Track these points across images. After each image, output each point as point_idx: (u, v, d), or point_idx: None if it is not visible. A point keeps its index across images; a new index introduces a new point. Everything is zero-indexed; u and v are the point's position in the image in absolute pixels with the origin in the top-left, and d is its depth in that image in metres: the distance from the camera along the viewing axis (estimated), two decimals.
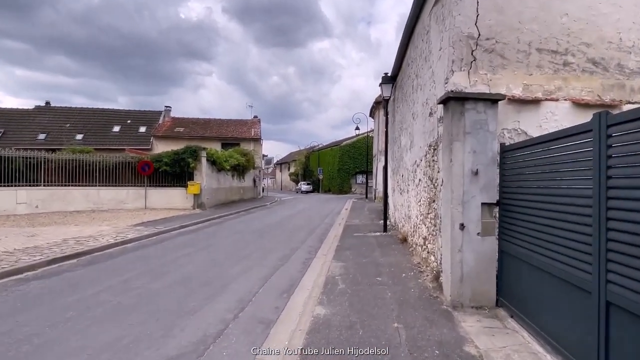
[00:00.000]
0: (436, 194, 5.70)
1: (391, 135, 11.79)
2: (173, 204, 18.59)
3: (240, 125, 34.14)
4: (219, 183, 21.32)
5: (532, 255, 3.95)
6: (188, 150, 18.68)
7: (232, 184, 23.86)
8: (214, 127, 33.25)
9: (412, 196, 7.98)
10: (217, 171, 20.97)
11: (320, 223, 14.31)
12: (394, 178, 11.39)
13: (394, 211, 11.84)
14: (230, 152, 23.53)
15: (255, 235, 11.22)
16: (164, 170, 18.56)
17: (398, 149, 10.36)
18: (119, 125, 32.35)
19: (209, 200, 19.70)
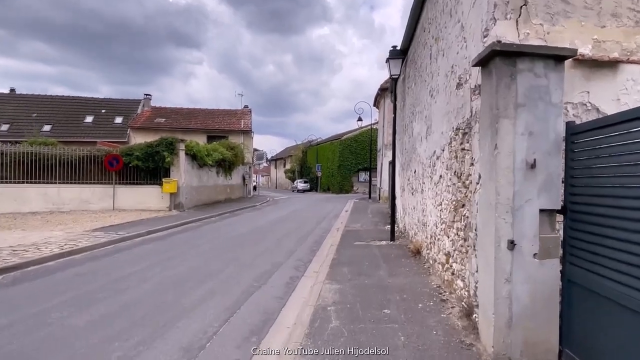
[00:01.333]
0: (467, 195, 4.39)
1: (400, 123, 10.48)
2: (146, 205, 17.33)
3: (229, 115, 32.94)
4: (200, 180, 20.07)
5: (621, 290, 2.67)
6: (163, 143, 17.39)
7: (216, 182, 22.65)
8: (199, 118, 32.05)
9: (428, 197, 6.68)
10: (199, 167, 19.71)
11: (315, 228, 13.03)
12: (404, 175, 10.09)
13: (403, 215, 10.55)
14: (214, 145, 22.30)
15: (235, 243, 9.93)
16: (136, 165, 17.31)
17: (409, 139, 9.06)
18: (92, 115, 31.10)
19: (188, 200, 18.44)
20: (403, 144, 10.25)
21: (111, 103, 32.77)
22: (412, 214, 8.61)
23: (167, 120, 31.07)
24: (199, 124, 31.00)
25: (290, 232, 12.01)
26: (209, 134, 30.25)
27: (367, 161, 35.90)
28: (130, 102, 33.30)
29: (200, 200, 20.09)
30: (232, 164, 24.17)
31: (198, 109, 33.93)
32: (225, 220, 15.21)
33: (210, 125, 31.03)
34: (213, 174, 21.94)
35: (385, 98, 24.31)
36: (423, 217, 7.29)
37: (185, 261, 7.85)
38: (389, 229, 11.77)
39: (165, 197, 17.44)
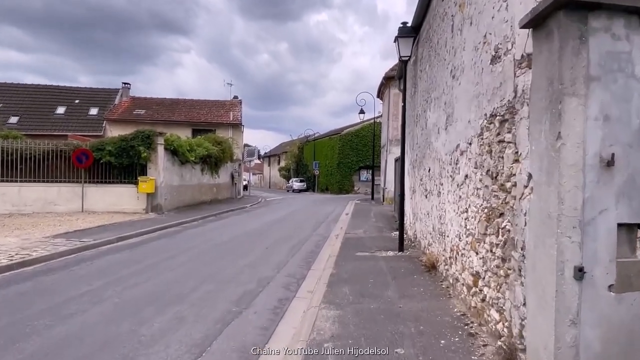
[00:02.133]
0: (508, 202, 3.61)
1: (410, 113, 9.71)
2: (120, 206, 16.53)
3: (217, 107, 32.23)
4: (182, 179, 19.29)
5: None
6: (139, 136, 16.58)
7: (201, 181, 21.91)
8: (184, 110, 31.33)
9: (448, 202, 5.91)
10: (180, 164, 18.93)
11: (311, 234, 12.26)
12: (415, 174, 9.32)
13: (413, 221, 9.78)
14: (198, 140, 21.56)
15: (217, 253, 9.14)
16: (108, 161, 16.51)
17: (422, 132, 8.28)
18: (64, 105, 30.21)
19: (167, 201, 17.65)
20: (414, 137, 9.47)
21: (86, 93, 31.89)
22: (426, 220, 7.83)
23: (147, 112, 30.29)
24: (182, 116, 30.28)
25: (282, 239, 11.23)
26: (194, 127, 29.68)
27: (370, 158, 35.53)
28: (107, 91, 32.42)
29: (182, 201, 19.32)
30: (219, 160, 23.41)
31: (182, 99, 33.20)
32: (209, 225, 14.42)
33: (195, 117, 30.34)
34: (197, 172, 21.18)
35: (390, 88, 23.62)
36: (440, 226, 6.51)
37: (155, 276, 7.05)
38: (395, 236, 11.00)
39: (142, 198, 16.65)
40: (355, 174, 39.55)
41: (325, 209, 21.57)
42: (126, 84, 32.79)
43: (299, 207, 22.71)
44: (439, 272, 6.65)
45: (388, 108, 24.16)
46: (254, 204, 24.87)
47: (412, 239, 9.91)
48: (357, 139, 39.01)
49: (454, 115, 5.55)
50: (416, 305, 5.31)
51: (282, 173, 55.23)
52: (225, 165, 25.67)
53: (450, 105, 5.72)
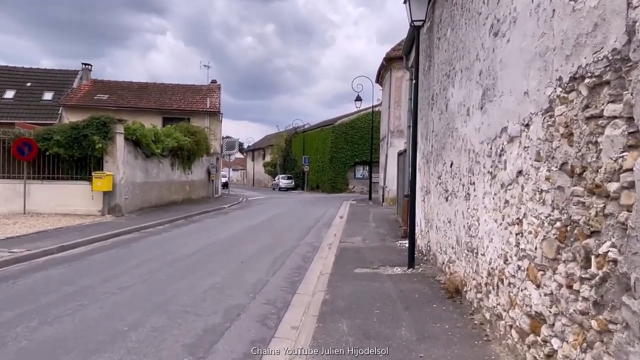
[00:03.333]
0: (612, 213, 2.45)
1: (423, 94, 8.57)
2: (70, 207, 15.25)
3: (192, 92, 31.06)
4: (147, 175, 18.08)
5: None
6: (94, 123, 15.28)
7: (170, 177, 20.80)
8: (153, 95, 30.13)
9: (484, 208, 4.77)
10: (145, 157, 17.70)
11: (298, 244, 11.10)
12: (429, 170, 8.19)
13: (426, 228, 8.65)
14: (167, 129, 20.47)
15: (176, 270, 7.93)
16: (56, 153, 15.21)
17: (440, 116, 7.14)
18: (13, 89, 28.71)
19: (129, 201, 16.41)
20: (427, 124, 8.33)
21: (39, 75, 30.38)
22: (446, 229, 6.69)
23: (111, 97, 28.97)
24: (152, 103, 29.06)
25: (263, 250, 10.06)
26: (165, 115, 28.48)
27: (367, 152, 34.90)
28: (64, 73, 30.94)
29: (147, 201, 18.12)
30: (192, 153, 22.32)
31: (152, 83, 31.88)
32: (176, 231, 13.21)
33: (167, 104, 29.15)
34: (166, 167, 20.01)
35: (392, 71, 22.64)
36: (470, 239, 5.36)
37: (88, 304, 5.82)
38: (402, 246, 9.94)
39: (98, 198, 15.38)
40: (350, 170, 39.13)
41: (316, 210, 20.60)
42: (87, 64, 31.32)
43: (285, 209, 21.74)
44: (466, 299, 5.52)
45: (389, 94, 23.14)
46: (234, 204, 23.86)
47: (424, 251, 8.78)
48: (352, 130, 38.38)
49: (496, 87, 4.39)
50: (443, 353, 4.15)
51: (267, 169, 54.50)
52: (200, 160, 24.63)
53: (490, 74, 4.56)
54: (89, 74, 31.01)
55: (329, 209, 21.34)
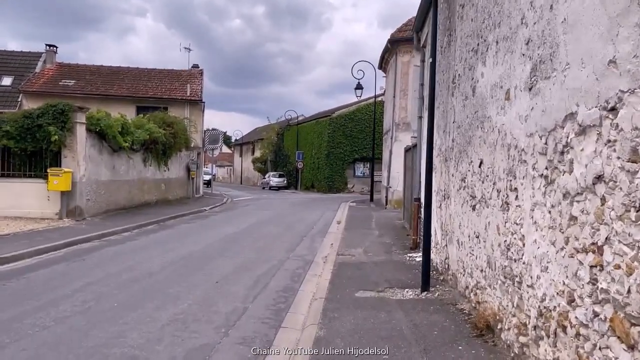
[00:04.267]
0: None
1: (442, 77, 7.65)
2: (22, 209, 14.37)
3: (170, 78, 30.28)
4: (114, 172, 17.18)
5: None
6: (50, 112, 14.34)
7: (143, 175, 19.95)
8: (126, 81, 29.32)
9: (534, 224, 3.90)
10: (112, 152, 16.80)
11: (288, 256, 10.21)
12: (449, 170, 7.31)
13: (442, 241, 7.77)
14: (139, 120, 19.60)
15: (130, 294, 6.99)
16: (5, 146, 14.33)
17: (465, 102, 6.24)
18: None
19: (92, 202, 15.52)
20: (446, 114, 7.44)
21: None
22: (472, 246, 5.78)
23: (78, 83, 28.10)
24: (125, 90, 28.27)
25: (244, 266, 9.15)
26: (139, 103, 27.79)
27: (368, 148, 34.18)
28: (26, 56, 30.06)
29: (114, 202, 17.22)
30: (168, 147, 21.54)
31: (125, 68, 30.97)
32: (143, 239, 12.29)
33: (141, 91, 28.37)
34: (137, 163, 19.18)
35: (397, 54, 21.88)
36: (508, 262, 4.46)
37: (4, 347, 4.85)
38: (412, 260, 9.13)
39: (55, 198, 14.46)
40: (349, 167, 38.55)
41: (310, 214, 19.80)
42: (51, 46, 30.24)
43: (275, 212, 20.95)
44: (501, 340, 4.62)
45: (394, 82, 22.35)
46: (216, 206, 23.13)
47: (440, 268, 7.89)
48: (351, 123, 37.80)
49: (556, 57, 3.46)
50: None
51: (256, 165, 53.87)
52: (178, 155, 23.92)
53: (546, 41, 3.64)
54: (53, 57, 30.03)
55: (324, 212, 20.65)
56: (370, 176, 31.17)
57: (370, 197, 28.08)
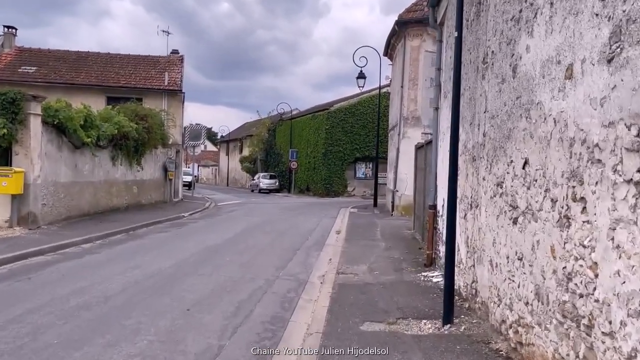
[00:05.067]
0: None
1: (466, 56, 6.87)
2: None
3: (145, 65, 29.82)
4: (77, 173, 16.48)
5: None
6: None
7: (111, 175, 19.31)
8: (95, 69, 28.86)
9: (616, 248, 3.18)
10: (74, 148, 16.06)
11: (277, 275, 9.45)
12: (480, 172, 6.56)
13: (469, 261, 7.00)
14: (106, 111, 18.89)
15: (76, 326, 6.20)
16: None
17: (500, 87, 5.50)
18: None
19: (49, 208, 14.82)
20: (473, 102, 6.69)
21: None
22: (513, 270, 5.01)
23: (40, 70, 27.57)
24: (93, 78, 27.75)
25: (223, 287, 8.37)
26: (110, 94, 27.31)
27: (371, 146, 34.18)
28: None
29: (77, 207, 16.52)
30: (142, 144, 20.98)
31: (94, 53, 30.34)
32: (106, 252, 11.56)
33: (112, 79, 27.88)
34: (104, 162, 18.53)
35: (406, 38, 21.40)
36: (570, 297, 3.70)
37: None
38: (427, 279, 8.57)
39: (4, 202, 13.69)
40: (350, 167, 38.53)
41: (305, 222, 19.22)
42: (10, 27, 29.49)
43: (264, 219, 20.37)
44: None
45: (402, 70, 21.75)
46: (197, 211, 22.68)
47: (465, 293, 7.12)
48: (352, 117, 37.68)
49: None
50: None
51: (244, 165, 53.95)
52: (153, 153, 23.49)
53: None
54: (12, 40, 29.38)
55: (321, 219, 20.17)
56: (373, 178, 30.84)
57: (373, 202, 27.65)
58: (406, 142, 20.44)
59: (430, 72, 20.57)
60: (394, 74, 25.41)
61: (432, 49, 20.75)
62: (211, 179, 74.03)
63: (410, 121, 21.08)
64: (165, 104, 26.99)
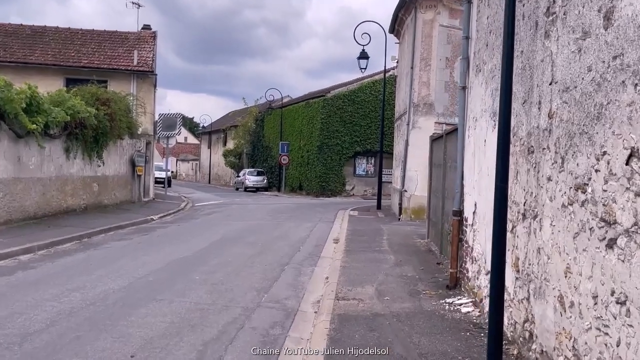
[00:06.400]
0: None
1: (520, 9, 5.57)
2: None
3: (112, 42, 29.28)
4: (19, 167, 15.74)
5: None
6: None
7: (65, 171, 18.62)
8: (53, 46, 28.04)
9: None
10: (17, 137, 15.19)
11: (258, 302, 8.25)
12: (542, 168, 5.32)
13: (523, 292, 5.77)
14: (59, 93, 18.05)
15: None
16: None
17: (582, 46, 4.27)
18: None
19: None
20: (530, 72, 5.45)
21: None
22: (607, 316, 3.76)
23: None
24: (50, 57, 26.97)
25: (185, 319, 7.12)
26: (69, 74, 26.69)
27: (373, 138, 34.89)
28: None
29: (20, 208, 15.71)
30: (102, 134, 20.38)
31: (52, 28, 29.75)
32: (45, 267, 10.48)
33: (72, 57, 27.21)
34: (56, 154, 17.79)
35: (417, 11, 21.12)
36: None
37: None
38: (455, 308, 7.67)
39: None
40: (348, 163, 38.71)
41: (297, 227, 18.56)
42: None
43: (248, 223, 19.90)
44: None
45: (412, 49, 21.11)
46: (170, 213, 22.30)
47: (513, 334, 5.84)
48: (352, 105, 37.69)
49: None
50: None
51: (228, 160, 54.33)
52: (118, 144, 23.24)
53: None
54: None
55: (316, 224, 19.59)
56: (376, 175, 30.79)
57: (377, 203, 27.15)
58: (416, 133, 20.13)
59: (446, 51, 19.85)
60: (402, 54, 24.90)
61: (447, 23, 19.93)
62: (191, 175, 74.53)
63: (421, 108, 20.55)
64: (134, 88, 26.55)
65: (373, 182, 34.19)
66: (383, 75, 28.76)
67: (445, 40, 19.37)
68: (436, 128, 18.45)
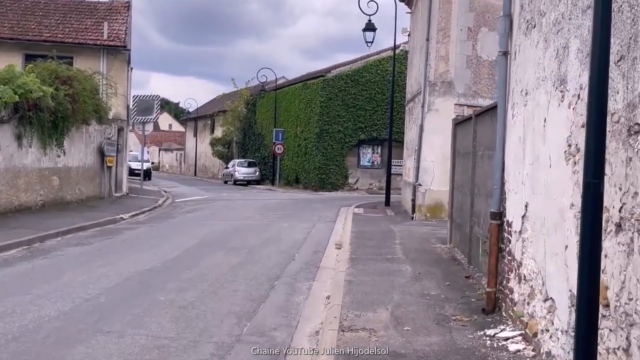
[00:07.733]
0: None
1: None
2: None
3: (79, 13, 29.14)
4: None
5: None
6: None
7: (16, 161, 18.23)
8: (10, 17, 28.03)
9: None
10: None
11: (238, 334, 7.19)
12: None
13: (621, 336, 4.48)
14: (8, 70, 17.39)
15: None
16: None
17: None
18: None
19: None
20: (629, 16, 4.11)
21: None
22: None
23: None
24: (7, 30, 26.81)
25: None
26: (29, 50, 26.64)
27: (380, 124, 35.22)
28: None
29: None
30: (63, 118, 19.77)
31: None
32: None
33: (32, 30, 27.18)
34: (5, 141, 17.32)
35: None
36: None
37: None
38: (499, 345, 6.24)
39: None
40: (352, 153, 38.82)
41: (292, 228, 18.05)
42: None
43: (232, 224, 19.25)
44: None
45: (428, 18, 20.38)
46: (143, 211, 21.89)
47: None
48: (355, 86, 37.61)
49: None
50: None
51: (216, 149, 54.87)
52: (84, 131, 22.95)
53: None
54: None
55: (315, 224, 19.10)
56: (384, 167, 30.61)
57: (385, 199, 26.58)
58: (433, 116, 19.41)
59: (468, 20, 18.82)
60: (415, 25, 24.14)
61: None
62: (175, 167, 74.48)
63: (438, 88, 19.71)
64: (104, 65, 26.38)
65: (380, 175, 34.19)
66: (392, 51, 28.18)
67: (467, 7, 18.55)
68: (456, 110, 17.43)
